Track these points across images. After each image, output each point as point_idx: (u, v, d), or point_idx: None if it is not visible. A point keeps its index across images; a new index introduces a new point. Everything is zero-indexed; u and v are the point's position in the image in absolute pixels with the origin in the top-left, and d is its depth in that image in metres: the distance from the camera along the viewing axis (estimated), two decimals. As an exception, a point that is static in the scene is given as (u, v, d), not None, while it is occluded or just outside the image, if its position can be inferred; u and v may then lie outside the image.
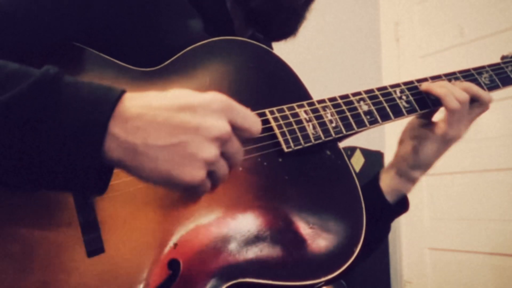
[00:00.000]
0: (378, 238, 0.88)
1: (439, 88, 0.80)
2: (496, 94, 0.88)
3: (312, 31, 2.42)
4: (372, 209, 0.80)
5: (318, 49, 2.50)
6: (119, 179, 0.55)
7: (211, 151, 0.47)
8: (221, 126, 0.47)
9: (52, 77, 0.45)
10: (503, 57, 0.97)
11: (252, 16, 0.80)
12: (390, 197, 0.85)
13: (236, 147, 0.50)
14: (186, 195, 0.58)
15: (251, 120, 0.51)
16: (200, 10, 0.74)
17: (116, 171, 0.48)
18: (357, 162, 2.10)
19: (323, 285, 0.62)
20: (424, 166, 0.84)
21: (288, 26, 0.82)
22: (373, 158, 2.15)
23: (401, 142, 0.88)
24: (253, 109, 0.67)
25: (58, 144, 0.43)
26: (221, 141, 0.48)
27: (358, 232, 0.66)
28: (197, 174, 0.46)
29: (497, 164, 2.07)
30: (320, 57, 2.50)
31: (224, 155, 0.50)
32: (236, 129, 0.50)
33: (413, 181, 0.86)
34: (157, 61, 0.65)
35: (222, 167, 0.50)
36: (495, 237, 2.03)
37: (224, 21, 0.77)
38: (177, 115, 0.46)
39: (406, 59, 2.49)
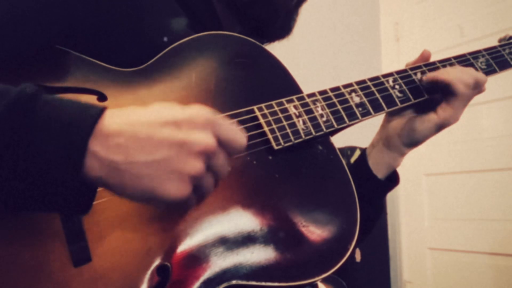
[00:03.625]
0: (373, 217, 0.86)
1: (446, 75, 0.79)
2: (496, 94, 0.87)
3: (312, 31, 2.42)
4: (363, 188, 0.78)
5: (318, 49, 2.50)
6: None
7: (196, 166, 0.46)
8: (207, 140, 0.46)
9: (29, 97, 0.43)
10: (500, 40, 0.92)
11: (248, 22, 0.79)
12: (380, 173, 0.84)
13: (222, 160, 0.49)
14: (171, 210, 0.56)
15: (236, 134, 0.49)
16: (186, 8, 0.73)
17: None
18: (357, 162, 2.10)
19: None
20: (417, 143, 0.83)
21: (284, 28, 0.81)
22: (373, 158, 2.14)
23: (389, 117, 0.86)
24: (241, 106, 0.65)
25: (37, 165, 0.42)
26: (207, 155, 0.46)
27: (352, 228, 0.64)
28: (182, 189, 0.45)
29: (497, 164, 2.07)
30: (320, 57, 2.50)
31: (210, 168, 0.48)
32: (221, 143, 0.48)
33: (403, 155, 0.85)
34: (142, 60, 0.64)
35: (208, 181, 0.49)
36: (495, 237, 2.03)
37: (211, 17, 0.76)
38: (160, 130, 0.45)
39: (406, 59, 2.48)
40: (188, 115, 0.46)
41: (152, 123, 0.45)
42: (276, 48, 0.85)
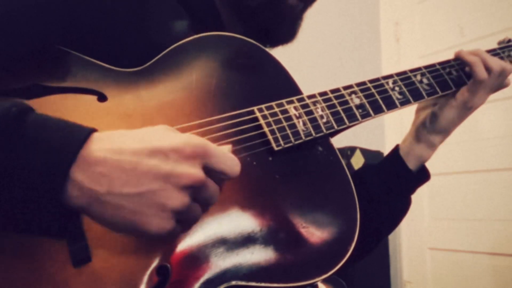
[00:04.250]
0: (401, 211, 0.87)
1: (470, 56, 0.82)
2: (496, 94, 0.88)
3: (312, 31, 2.42)
4: (395, 181, 0.82)
5: (318, 49, 2.50)
6: None
7: (181, 200, 0.44)
8: (193, 174, 0.44)
9: (14, 117, 0.42)
10: (499, 42, 0.95)
11: (253, 27, 0.79)
12: (411, 165, 0.86)
13: (210, 191, 0.47)
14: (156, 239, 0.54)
15: (228, 164, 0.47)
16: (189, 10, 0.73)
17: None
18: (357, 162, 2.10)
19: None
20: (444, 132, 0.86)
21: (289, 33, 0.82)
22: (373, 158, 2.14)
23: (418, 110, 0.90)
24: (241, 107, 0.66)
25: (18, 188, 0.41)
26: (193, 189, 0.45)
27: (352, 229, 0.64)
28: (164, 224, 0.44)
29: (497, 164, 2.07)
30: (320, 57, 2.50)
31: (197, 200, 0.47)
32: (211, 172, 0.47)
33: (433, 147, 0.87)
34: (144, 61, 0.64)
35: (194, 212, 0.48)
36: (495, 237, 2.03)
37: (213, 19, 0.76)
38: (146, 160, 0.43)
39: (406, 59, 2.49)
40: (177, 144, 0.45)
41: (139, 152, 0.44)
42: (276, 49, 0.85)
